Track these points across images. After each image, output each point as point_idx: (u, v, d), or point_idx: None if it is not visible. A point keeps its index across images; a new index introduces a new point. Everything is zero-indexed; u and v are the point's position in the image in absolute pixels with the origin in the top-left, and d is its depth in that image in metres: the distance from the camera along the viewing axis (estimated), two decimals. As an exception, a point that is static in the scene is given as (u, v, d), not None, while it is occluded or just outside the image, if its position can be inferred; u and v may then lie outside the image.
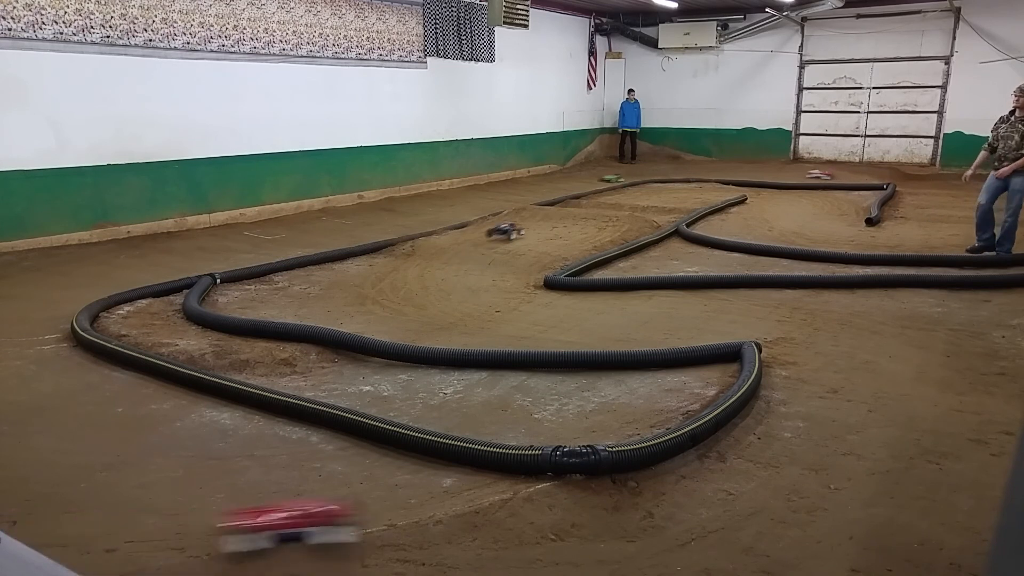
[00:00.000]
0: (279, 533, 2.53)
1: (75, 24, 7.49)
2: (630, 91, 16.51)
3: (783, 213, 9.77)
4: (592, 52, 16.39)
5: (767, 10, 14.69)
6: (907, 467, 3.16)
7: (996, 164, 6.74)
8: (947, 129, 14.11)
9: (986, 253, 6.94)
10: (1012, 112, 6.66)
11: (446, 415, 3.73)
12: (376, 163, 11.26)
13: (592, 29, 16.29)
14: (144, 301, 5.57)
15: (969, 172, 7.04)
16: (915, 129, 14.50)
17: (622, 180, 12.72)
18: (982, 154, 6.96)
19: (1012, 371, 4.23)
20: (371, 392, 4.03)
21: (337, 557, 2.52)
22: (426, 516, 2.76)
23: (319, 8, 10.00)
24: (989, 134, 6.88)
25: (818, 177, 12.95)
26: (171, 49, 8.35)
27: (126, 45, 7.94)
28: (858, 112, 15.01)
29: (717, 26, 15.66)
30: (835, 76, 15.07)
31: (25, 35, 7.14)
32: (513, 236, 7.91)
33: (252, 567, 2.48)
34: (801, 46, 15.29)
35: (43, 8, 7.22)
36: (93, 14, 7.62)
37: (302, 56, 9.85)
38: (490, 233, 8.05)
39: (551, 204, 10.41)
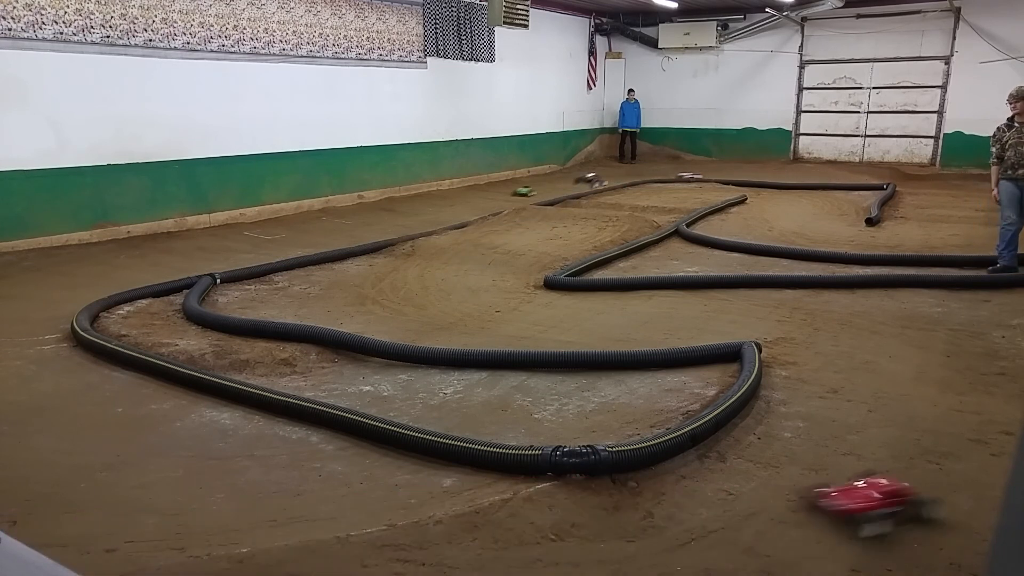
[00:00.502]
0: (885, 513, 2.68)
1: (75, 24, 7.49)
2: (630, 91, 16.51)
3: (783, 213, 9.77)
4: (592, 52, 16.39)
5: (767, 10, 14.69)
6: (907, 467, 3.15)
7: (1008, 172, 6.51)
8: (947, 129, 14.10)
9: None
10: (1012, 119, 6.49)
11: (446, 415, 3.73)
12: (376, 163, 11.26)
13: (592, 29, 16.28)
14: (144, 301, 5.57)
15: (995, 191, 6.65)
16: (915, 129, 14.49)
17: (534, 192, 11.92)
18: (994, 169, 6.63)
19: (1012, 371, 4.23)
20: (371, 392, 4.03)
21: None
22: (426, 516, 2.76)
23: (319, 8, 9.99)
24: (992, 147, 6.58)
25: (692, 179, 12.94)
26: (171, 49, 8.35)
27: (126, 45, 7.94)
28: (858, 112, 15.01)
29: (717, 26, 15.66)
30: (835, 76, 15.07)
31: (25, 35, 7.13)
32: (595, 185, 10.08)
33: (251, 566, 2.48)
34: (801, 46, 15.29)
35: (43, 8, 7.22)
36: (93, 14, 7.61)
37: (302, 56, 9.85)
38: (577, 180, 10.18)
39: (551, 204, 10.41)
